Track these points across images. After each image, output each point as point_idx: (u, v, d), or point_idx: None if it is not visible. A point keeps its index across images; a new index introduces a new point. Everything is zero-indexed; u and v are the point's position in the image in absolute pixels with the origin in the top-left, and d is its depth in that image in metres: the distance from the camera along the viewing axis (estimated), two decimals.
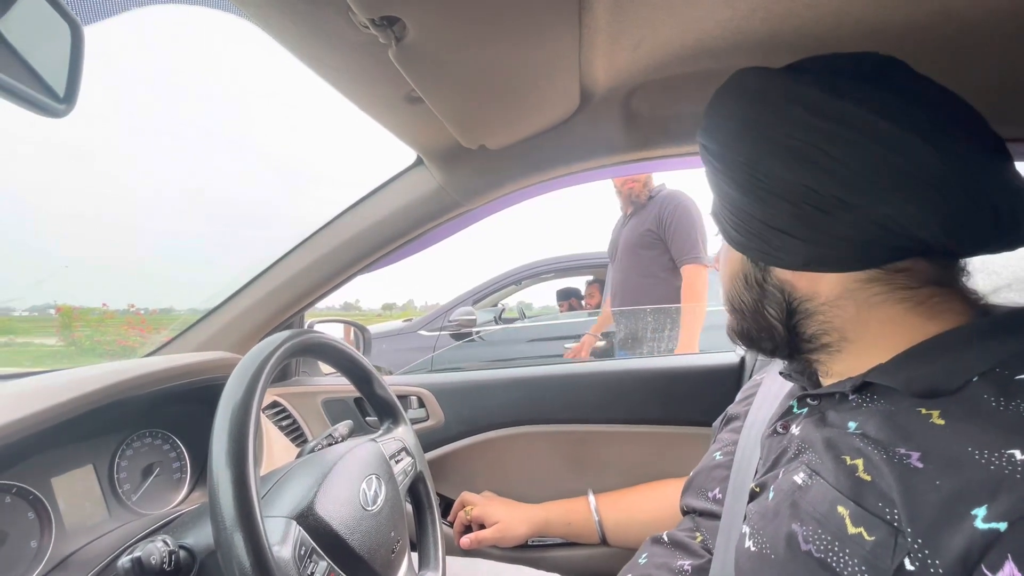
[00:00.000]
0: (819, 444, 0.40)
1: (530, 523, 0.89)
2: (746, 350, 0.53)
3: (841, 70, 0.41)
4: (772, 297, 0.45)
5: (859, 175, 0.37)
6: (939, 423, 0.34)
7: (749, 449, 0.54)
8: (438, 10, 0.43)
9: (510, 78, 0.56)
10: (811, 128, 0.38)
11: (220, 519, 0.39)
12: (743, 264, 0.47)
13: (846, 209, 0.38)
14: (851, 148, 0.37)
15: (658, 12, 0.51)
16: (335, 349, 0.63)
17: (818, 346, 0.45)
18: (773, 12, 0.52)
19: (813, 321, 0.44)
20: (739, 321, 0.49)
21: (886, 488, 0.33)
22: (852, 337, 0.43)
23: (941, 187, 0.36)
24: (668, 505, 0.81)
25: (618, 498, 0.89)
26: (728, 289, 0.50)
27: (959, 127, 0.38)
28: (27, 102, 0.38)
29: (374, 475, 0.58)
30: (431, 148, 0.75)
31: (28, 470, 0.56)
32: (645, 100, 0.69)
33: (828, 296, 0.42)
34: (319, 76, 0.53)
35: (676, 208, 1.78)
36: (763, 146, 0.40)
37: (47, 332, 9.74)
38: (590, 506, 0.88)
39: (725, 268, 0.50)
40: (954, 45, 0.53)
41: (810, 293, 0.43)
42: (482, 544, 0.89)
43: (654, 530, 0.65)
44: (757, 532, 0.42)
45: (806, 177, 0.39)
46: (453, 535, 0.94)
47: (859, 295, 0.41)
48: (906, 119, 0.37)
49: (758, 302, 0.46)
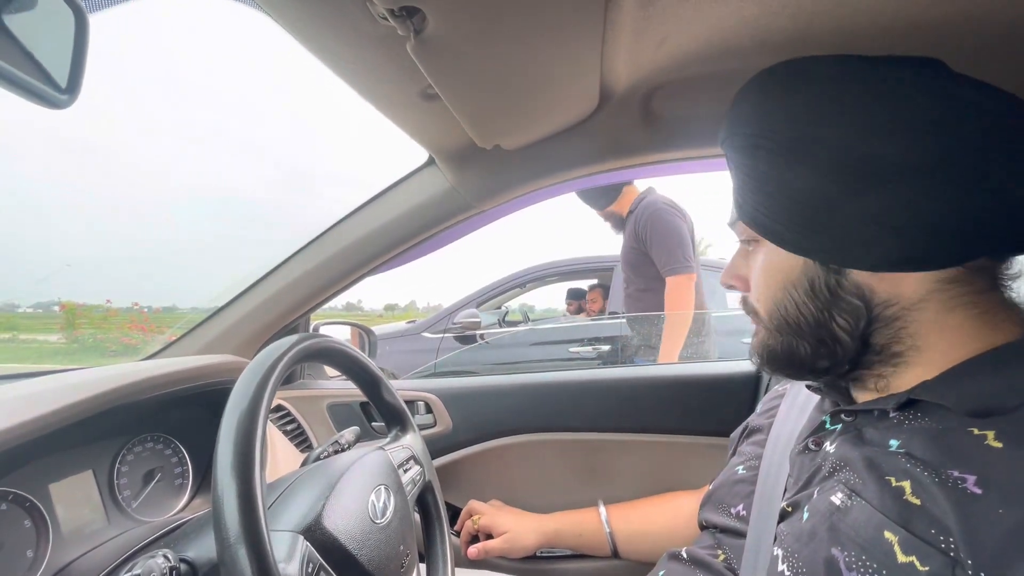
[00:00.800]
0: (859, 463, 0.38)
1: (539, 533, 0.86)
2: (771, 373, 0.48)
3: (923, 65, 0.39)
4: (847, 305, 0.40)
5: (980, 156, 0.35)
6: (996, 445, 0.32)
7: (776, 465, 0.52)
8: (459, 1, 0.41)
9: (530, 75, 0.54)
10: (926, 107, 0.36)
11: (224, 533, 0.37)
12: (805, 270, 0.41)
13: (962, 194, 0.35)
14: (976, 127, 0.35)
15: (686, 7, 0.49)
16: (344, 354, 0.61)
17: (886, 357, 0.40)
18: (803, 9, 0.50)
19: (890, 329, 0.39)
20: (787, 339, 0.43)
21: (939, 514, 0.31)
22: (924, 346, 0.39)
23: (1007, 178, 0.35)
24: (683, 518, 0.79)
25: (630, 509, 0.87)
26: (778, 302, 0.43)
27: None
28: (29, 92, 0.36)
29: (383, 486, 0.56)
30: (444, 147, 0.73)
31: (25, 476, 0.54)
32: (666, 100, 0.67)
33: (912, 298, 0.38)
34: (332, 71, 0.51)
35: (649, 219, 1.72)
36: (868, 126, 0.37)
37: (51, 329, 9.78)
38: (601, 517, 0.85)
39: (772, 278, 0.44)
40: (993, 44, 0.51)
41: (892, 296, 0.39)
42: (490, 554, 0.86)
43: (667, 543, 0.62)
44: (791, 555, 0.39)
45: (926, 153, 0.35)
46: (460, 544, 0.91)
47: (941, 296, 0.38)
48: (1003, 105, 0.36)
49: (825, 312, 0.41)
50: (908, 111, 0.36)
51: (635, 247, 1.78)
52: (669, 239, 1.69)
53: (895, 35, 0.52)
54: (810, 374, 0.45)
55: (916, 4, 0.47)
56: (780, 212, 0.41)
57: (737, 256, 0.49)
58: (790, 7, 0.49)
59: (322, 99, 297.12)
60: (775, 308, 0.44)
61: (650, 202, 1.77)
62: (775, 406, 0.61)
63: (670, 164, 0.79)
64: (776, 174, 0.40)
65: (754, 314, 0.47)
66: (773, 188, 0.41)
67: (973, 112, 0.36)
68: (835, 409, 0.45)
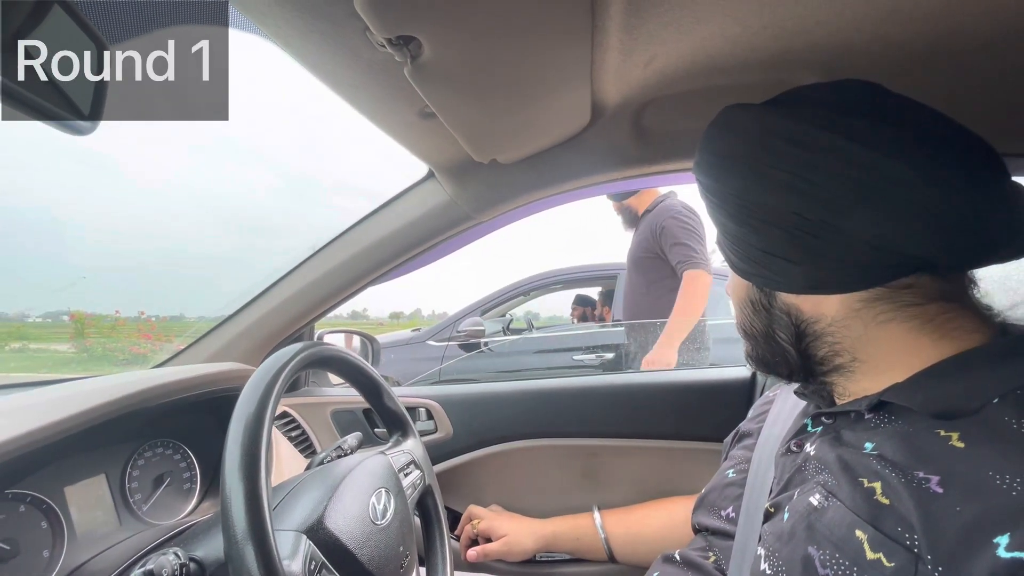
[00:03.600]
0: (835, 465, 0.39)
1: (537, 537, 0.88)
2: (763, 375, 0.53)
3: (819, 100, 0.42)
4: (780, 321, 0.46)
5: (840, 199, 0.38)
6: (959, 446, 0.33)
7: (763, 468, 0.53)
8: (453, 29, 0.43)
9: (523, 95, 0.57)
10: (790, 157, 0.40)
11: (231, 532, 0.39)
12: (749, 290, 0.48)
13: (835, 232, 0.39)
14: (829, 174, 0.39)
15: (669, 30, 0.51)
16: (346, 362, 0.64)
17: (831, 368, 0.45)
18: (784, 29, 0.52)
19: (822, 343, 0.44)
20: (754, 347, 0.50)
21: (905, 512, 0.33)
22: (863, 357, 0.43)
23: (926, 205, 0.37)
24: (678, 522, 0.80)
25: (625, 514, 0.88)
26: (739, 316, 0.51)
27: (943, 145, 0.38)
28: (52, 119, 0.39)
29: (383, 489, 0.58)
30: (443, 162, 0.75)
31: (42, 479, 0.56)
32: (655, 115, 0.70)
33: (834, 317, 0.43)
34: (335, 92, 0.54)
35: (669, 219, 1.75)
36: (750, 178, 0.42)
37: (61, 338, 9.87)
38: (596, 524, 0.87)
39: (734, 295, 0.51)
40: (964, 61, 0.53)
41: (815, 315, 0.44)
42: (488, 557, 0.88)
43: (663, 547, 0.64)
44: (772, 554, 0.41)
45: (792, 204, 0.40)
46: (460, 548, 0.93)
47: (865, 314, 0.42)
48: (880, 142, 0.38)
49: (768, 327, 0.47)
50: (782, 162, 0.40)
51: (646, 246, 1.81)
52: (689, 237, 1.72)
53: (872, 55, 0.54)
54: (785, 379, 0.50)
55: (893, 24, 0.50)
56: (723, 241, 0.47)
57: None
58: (771, 28, 0.52)
59: (330, 110, 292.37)
60: (739, 320, 0.51)
61: (670, 203, 1.81)
62: (765, 411, 0.63)
63: (662, 176, 0.81)
64: (712, 212, 0.47)
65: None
66: (715, 222, 0.48)
67: (843, 158, 0.39)
68: (816, 412, 0.48)
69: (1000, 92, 0.58)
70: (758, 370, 0.53)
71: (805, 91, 0.44)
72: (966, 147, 0.39)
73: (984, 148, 0.39)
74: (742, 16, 0.50)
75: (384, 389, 0.69)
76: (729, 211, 0.44)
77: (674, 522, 0.81)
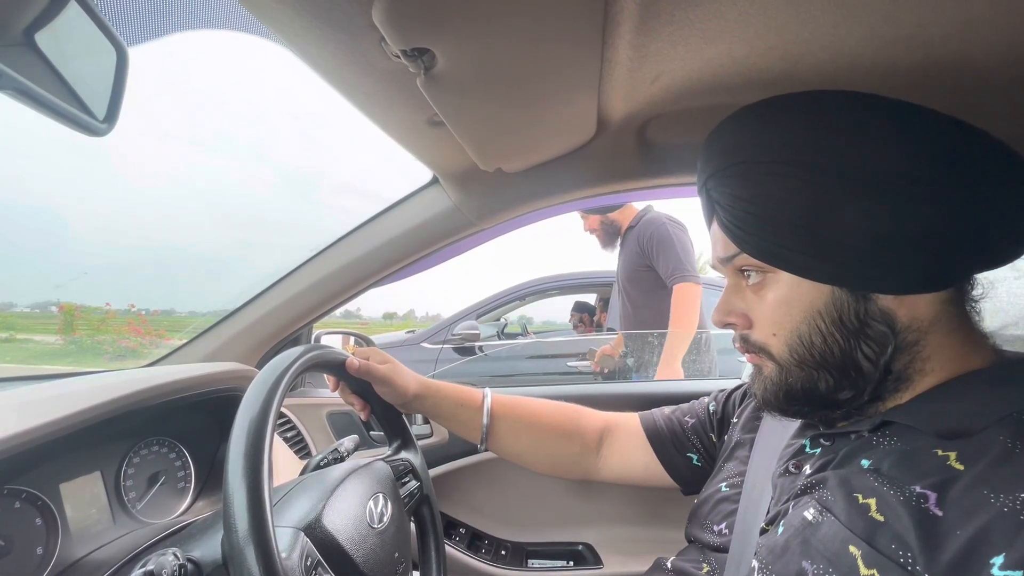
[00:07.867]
0: (832, 481, 0.40)
1: (421, 383, 0.76)
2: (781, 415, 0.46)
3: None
4: (874, 333, 0.39)
5: (962, 169, 0.37)
6: (957, 467, 0.34)
7: (758, 489, 0.53)
8: (467, 43, 0.44)
9: (531, 108, 0.58)
10: (921, 122, 0.39)
11: (233, 531, 0.40)
12: (833, 299, 0.39)
13: (951, 203, 0.36)
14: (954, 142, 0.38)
15: (677, 48, 0.52)
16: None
17: (899, 383, 0.40)
18: (790, 52, 0.53)
19: (908, 354, 0.39)
20: (808, 373, 0.41)
21: (902, 530, 0.33)
22: (927, 369, 0.39)
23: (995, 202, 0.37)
24: (565, 426, 0.76)
25: (519, 404, 0.78)
26: (803, 335, 0.41)
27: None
28: (67, 119, 0.39)
29: (381, 494, 0.58)
30: (448, 169, 0.76)
31: (38, 476, 0.56)
32: (659, 130, 0.71)
33: (926, 321, 0.38)
34: (346, 98, 0.54)
35: (655, 232, 1.78)
36: (873, 139, 0.38)
37: (48, 330, 9.73)
38: (483, 408, 0.75)
39: (794, 310, 0.41)
40: (968, 89, 0.55)
41: (912, 320, 0.38)
42: (371, 372, 0.69)
43: (538, 449, 0.69)
44: (766, 568, 0.41)
45: (914, 166, 0.37)
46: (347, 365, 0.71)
47: (946, 318, 0.39)
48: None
49: (851, 341, 0.39)
50: (913, 126, 0.39)
51: (638, 260, 1.83)
52: (675, 250, 1.74)
53: (874, 77, 0.55)
54: (825, 409, 0.43)
55: (895, 47, 0.51)
56: (798, 240, 0.39)
57: (730, 293, 0.47)
58: (777, 49, 0.53)
59: (328, 107, 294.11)
60: (798, 342, 0.41)
61: (653, 217, 1.83)
62: (756, 423, 0.63)
63: (664, 189, 0.82)
64: (808, 199, 0.38)
65: (760, 351, 0.44)
66: (800, 214, 0.39)
67: (961, 132, 0.39)
68: (815, 433, 0.47)
69: (1004, 124, 0.59)
70: (780, 408, 0.44)
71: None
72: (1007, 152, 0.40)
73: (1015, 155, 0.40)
74: (749, 38, 0.51)
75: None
76: (853, 192, 0.37)
77: (566, 426, 0.75)
